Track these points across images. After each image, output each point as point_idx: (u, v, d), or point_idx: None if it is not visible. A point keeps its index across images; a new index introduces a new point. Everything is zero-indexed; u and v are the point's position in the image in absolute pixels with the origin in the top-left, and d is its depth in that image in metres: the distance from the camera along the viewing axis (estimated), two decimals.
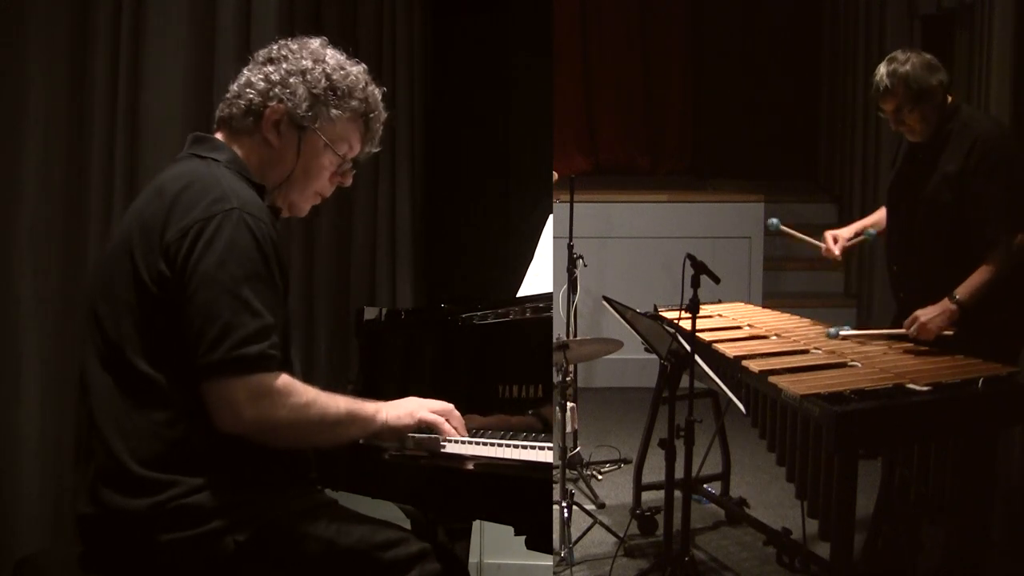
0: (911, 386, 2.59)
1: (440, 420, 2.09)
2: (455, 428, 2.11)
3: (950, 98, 3.03)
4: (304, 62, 2.04)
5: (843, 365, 2.84)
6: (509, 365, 2.31)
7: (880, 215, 3.36)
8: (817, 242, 3.40)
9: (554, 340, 3.36)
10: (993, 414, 2.68)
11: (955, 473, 2.62)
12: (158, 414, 1.82)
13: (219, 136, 2.07)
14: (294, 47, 2.08)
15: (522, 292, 2.66)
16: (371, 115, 2.12)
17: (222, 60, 3.22)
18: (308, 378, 1.92)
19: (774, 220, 3.48)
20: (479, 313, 2.45)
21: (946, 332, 2.90)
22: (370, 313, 2.86)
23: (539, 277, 2.67)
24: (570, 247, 4.60)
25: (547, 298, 2.34)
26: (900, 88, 2.96)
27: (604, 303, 3.55)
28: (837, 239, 3.33)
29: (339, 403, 1.93)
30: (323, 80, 2.03)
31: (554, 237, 2.75)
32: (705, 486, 3.91)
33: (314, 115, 2.03)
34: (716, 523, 3.90)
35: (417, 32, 4.70)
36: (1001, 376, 2.68)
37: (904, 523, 2.99)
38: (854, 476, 2.52)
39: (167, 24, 3.08)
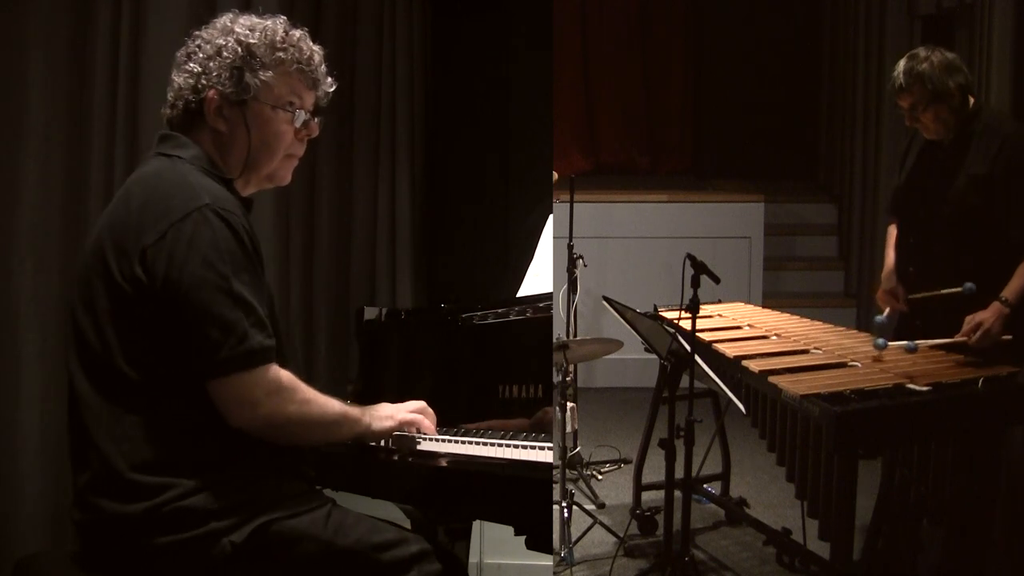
0: (911, 386, 2.59)
1: (419, 419, 2.16)
2: (429, 424, 2.18)
3: (971, 100, 3.01)
4: (217, 41, 2.01)
5: (843, 365, 2.84)
6: (509, 365, 2.31)
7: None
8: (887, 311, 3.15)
9: (554, 340, 3.36)
10: (993, 414, 2.68)
11: (955, 473, 2.62)
12: (148, 418, 1.83)
13: None
14: (204, 33, 2.05)
15: (522, 292, 2.66)
16: (303, 59, 2.06)
17: None
18: (308, 378, 1.94)
19: (880, 341, 2.94)
20: (479, 313, 2.45)
21: (1005, 336, 2.83)
22: (370, 313, 2.85)
23: (539, 277, 2.66)
24: (570, 247, 4.60)
25: (547, 298, 2.34)
26: (916, 87, 2.93)
27: (604, 303, 3.55)
28: (896, 294, 3.16)
29: (333, 403, 1.99)
30: (239, 49, 2.00)
31: (554, 237, 2.75)
32: (705, 486, 3.91)
33: (245, 85, 1.99)
34: (716, 523, 3.90)
35: (417, 32, 4.70)
36: (1001, 376, 2.68)
37: (904, 523, 2.99)
38: (854, 476, 2.52)
39: (167, 24, 3.08)
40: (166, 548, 1.79)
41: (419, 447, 2.15)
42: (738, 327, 3.44)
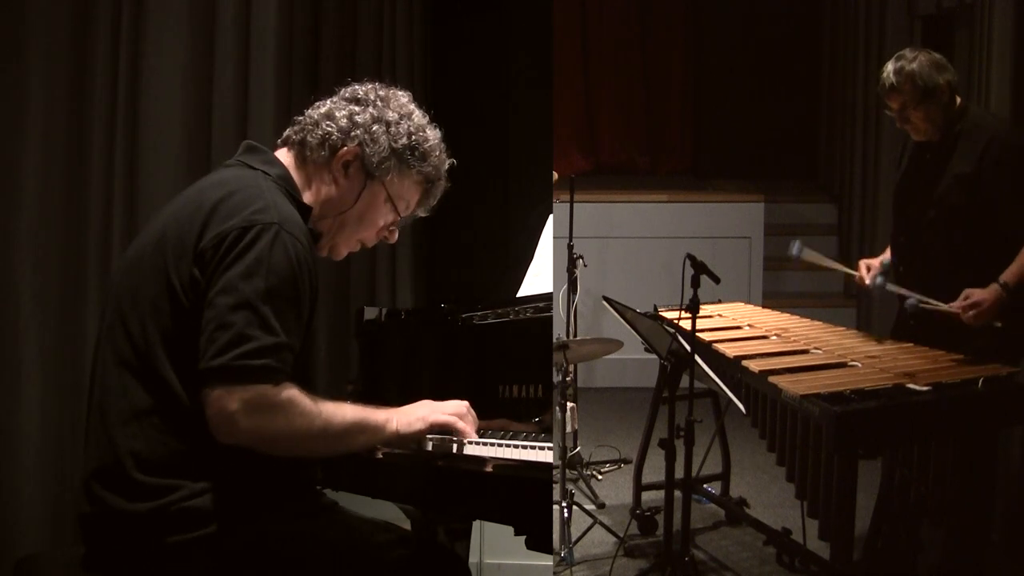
0: (911, 386, 2.59)
1: (454, 420, 2.04)
2: (468, 427, 2.06)
3: (958, 99, 3.02)
4: (391, 113, 2.05)
5: (843, 365, 2.84)
6: (509, 365, 2.31)
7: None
8: (850, 270, 3.31)
9: (554, 340, 3.36)
10: (993, 414, 2.68)
11: (955, 473, 2.62)
12: (171, 420, 1.81)
13: (283, 153, 2.06)
14: (382, 94, 2.09)
15: (522, 292, 2.66)
16: (436, 182, 2.14)
17: (222, 60, 3.22)
18: (308, 378, 1.91)
19: (797, 244, 3.28)
20: (479, 313, 2.44)
21: (996, 323, 2.82)
22: (370, 313, 2.85)
23: (539, 277, 2.66)
24: (570, 247, 4.60)
25: (547, 298, 2.34)
26: (906, 86, 2.95)
27: (604, 303, 3.55)
28: (871, 267, 3.24)
29: (346, 413, 1.90)
30: (405, 137, 2.05)
31: (554, 237, 2.75)
32: (705, 486, 3.91)
33: (387, 168, 2.04)
34: (716, 523, 3.90)
35: (417, 32, 4.70)
36: (1001, 376, 2.68)
37: (904, 523, 2.99)
38: (854, 476, 2.52)
39: (167, 24, 3.08)
40: (169, 548, 1.79)
41: (463, 450, 2.05)
42: (738, 327, 3.44)
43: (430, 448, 2.08)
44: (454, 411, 2.06)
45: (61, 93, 2.93)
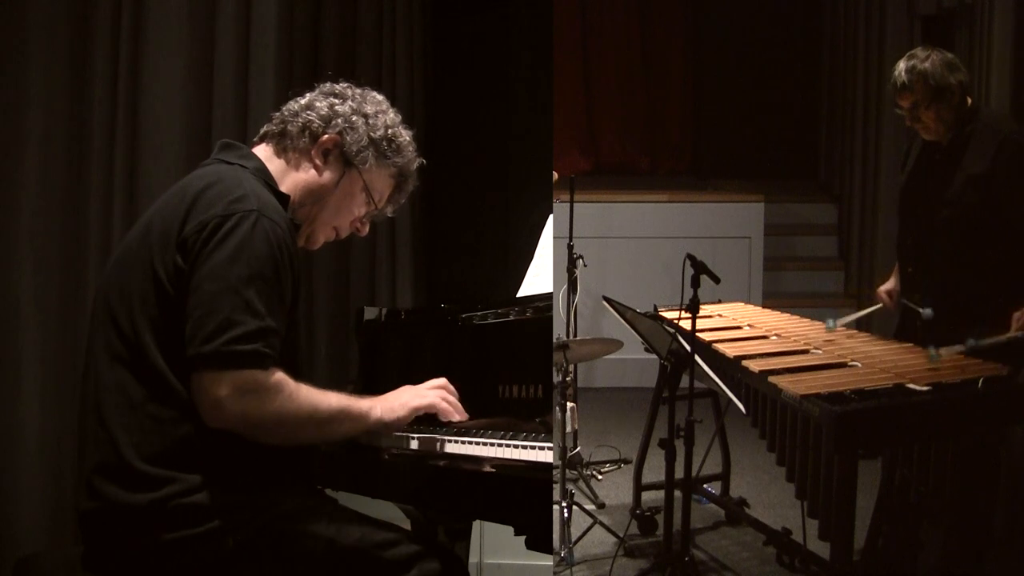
0: (911, 386, 2.59)
1: (436, 401, 2.10)
2: (452, 407, 2.13)
3: (969, 99, 3.02)
4: (369, 107, 2.14)
5: (843, 365, 2.84)
6: (509, 365, 2.31)
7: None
8: (875, 306, 3.44)
9: (554, 340, 3.36)
10: (993, 414, 2.68)
11: (955, 473, 2.62)
12: (166, 410, 1.83)
13: (261, 148, 2.12)
14: (359, 91, 2.18)
15: (522, 292, 2.66)
16: (408, 178, 2.22)
17: (222, 60, 3.22)
18: (308, 378, 1.92)
19: (831, 321, 3.32)
20: (479, 313, 2.44)
21: None
22: (370, 313, 2.85)
23: (539, 277, 2.66)
24: (570, 247, 4.60)
25: (547, 298, 2.34)
26: (918, 85, 2.95)
27: (604, 303, 3.55)
28: (892, 294, 3.33)
29: (331, 400, 1.93)
30: (383, 129, 2.13)
31: (554, 237, 2.74)
32: (705, 486, 3.91)
33: (364, 157, 2.11)
34: (716, 523, 3.90)
35: (417, 32, 4.70)
36: (1001, 376, 2.68)
37: (904, 523, 2.99)
38: (854, 476, 2.52)
39: (167, 24, 3.08)
40: (168, 545, 1.80)
41: (414, 447, 2.10)
42: (738, 327, 3.44)
43: (415, 447, 2.11)
44: (434, 389, 2.13)
45: (61, 93, 2.93)
